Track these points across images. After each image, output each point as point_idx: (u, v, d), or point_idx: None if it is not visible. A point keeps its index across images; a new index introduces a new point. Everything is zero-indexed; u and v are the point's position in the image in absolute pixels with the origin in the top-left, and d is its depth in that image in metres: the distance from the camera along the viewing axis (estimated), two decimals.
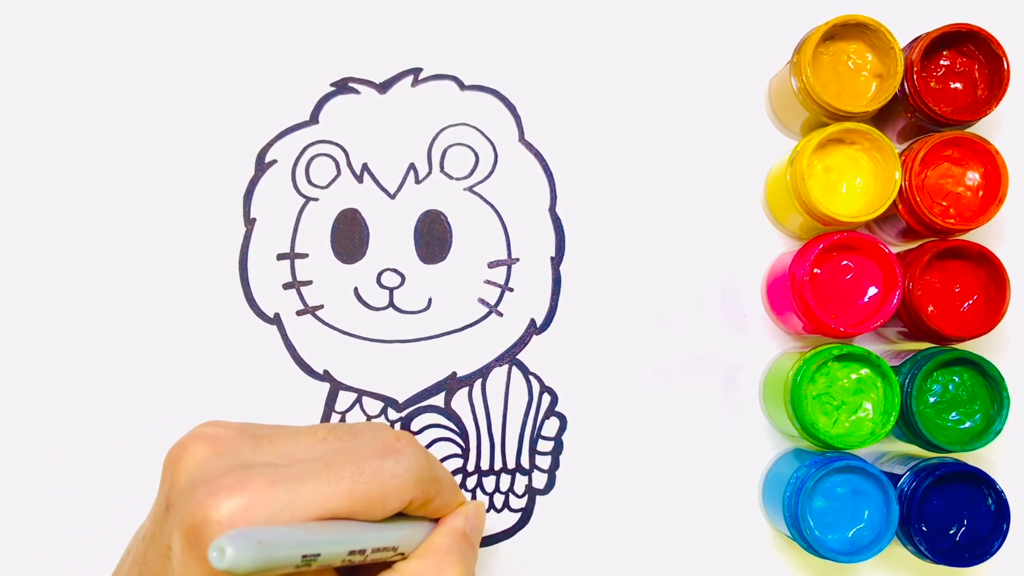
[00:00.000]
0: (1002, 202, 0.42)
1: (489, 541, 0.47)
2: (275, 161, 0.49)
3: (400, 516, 0.34)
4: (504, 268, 0.48)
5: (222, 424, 0.34)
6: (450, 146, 0.48)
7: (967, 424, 0.43)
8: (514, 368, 0.48)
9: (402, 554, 0.34)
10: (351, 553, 0.31)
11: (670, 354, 0.48)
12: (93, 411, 0.47)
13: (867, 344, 0.47)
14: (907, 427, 0.43)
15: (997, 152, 0.42)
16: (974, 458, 0.45)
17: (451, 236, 0.48)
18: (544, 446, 0.47)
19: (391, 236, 0.48)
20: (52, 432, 0.47)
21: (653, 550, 0.47)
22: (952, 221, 0.43)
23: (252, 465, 0.31)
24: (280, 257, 0.48)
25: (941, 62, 0.44)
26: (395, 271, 0.48)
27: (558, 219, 0.48)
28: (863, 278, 0.43)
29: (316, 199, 0.48)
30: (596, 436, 0.47)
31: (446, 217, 0.48)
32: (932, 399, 0.43)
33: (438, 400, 0.48)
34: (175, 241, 0.48)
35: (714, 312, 0.48)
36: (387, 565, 0.34)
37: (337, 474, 0.31)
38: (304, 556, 0.29)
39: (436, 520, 0.37)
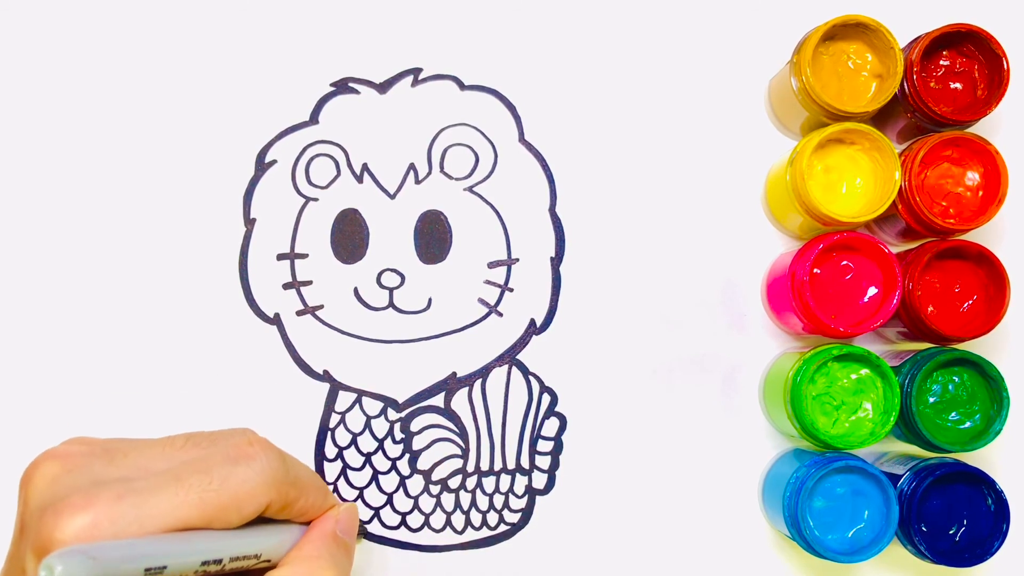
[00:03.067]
0: (1002, 202, 0.42)
1: (489, 541, 0.47)
2: (275, 161, 0.49)
3: (265, 522, 0.33)
4: (504, 268, 0.48)
5: (80, 441, 0.33)
6: (450, 146, 0.48)
7: (967, 424, 0.43)
8: (514, 368, 0.48)
9: (268, 561, 0.33)
10: (205, 563, 0.30)
11: (670, 354, 0.48)
12: (93, 411, 0.47)
13: (867, 344, 0.47)
14: (907, 427, 0.43)
15: (997, 152, 0.42)
16: (974, 458, 0.45)
17: (451, 236, 0.48)
18: (544, 446, 0.47)
19: (391, 236, 0.48)
20: (52, 432, 0.47)
21: (653, 550, 0.47)
22: (952, 221, 0.43)
23: (103, 481, 0.31)
24: (280, 257, 0.48)
25: (941, 62, 0.44)
26: (395, 271, 0.48)
27: (558, 219, 0.48)
28: (863, 278, 0.43)
29: (316, 199, 0.48)
30: (596, 436, 0.47)
31: (446, 217, 0.48)
32: (932, 399, 0.43)
33: (438, 400, 0.48)
34: (175, 241, 0.48)
35: (714, 312, 0.48)
36: (259, 574, 0.33)
37: (185, 484, 0.31)
38: (147, 569, 0.28)
39: (308, 524, 0.36)
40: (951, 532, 0.42)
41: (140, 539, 0.29)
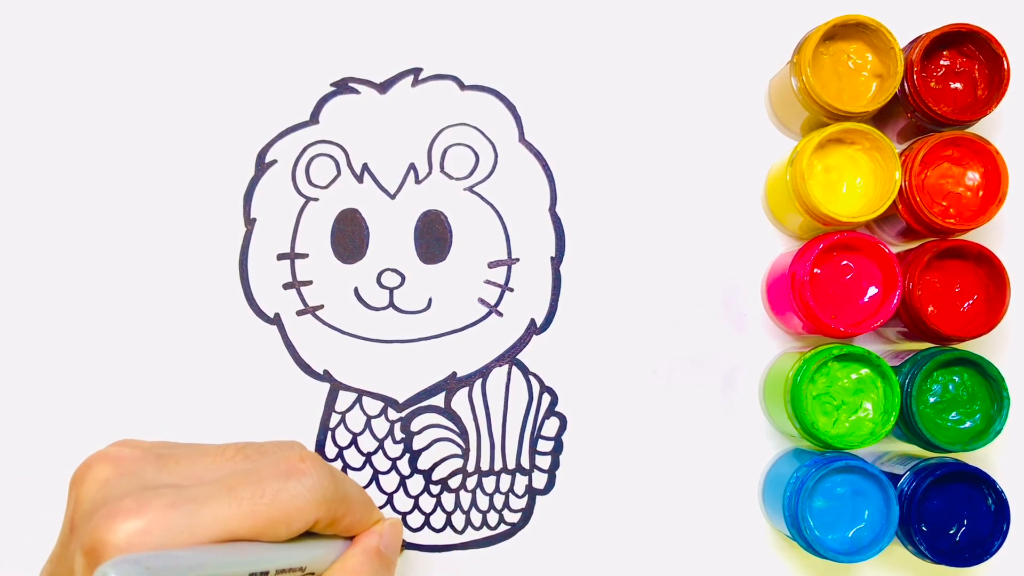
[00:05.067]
0: (1002, 202, 0.42)
1: (489, 541, 0.47)
2: (275, 161, 0.49)
3: (311, 535, 0.34)
4: (504, 268, 0.48)
5: (130, 444, 0.34)
6: (450, 146, 0.48)
7: (967, 424, 0.43)
8: (514, 368, 0.48)
9: (312, 574, 0.34)
10: (252, 575, 0.31)
11: (670, 354, 0.48)
12: (92, 411, 0.47)
13: (867, 344, 0.47)
14: (907, 427, 0.43)
15: (997, 152, 0.42)
16: (974, 458, 0.45)
17: (451, 236, 0.48)
18: (544, 446, 0.47)
19: (391, 236, 0.48)
20: (51, 432, 0.47)
21: (653, 550, 0.47)
22: (952, 221, 0.43)
23: (154, 486, 0.31)
24: (280, 257, 0.48)
25: (941, 62, 0.44)
26: (395, 271, 0.48)
27: (558, 219, 0.48)
28: (863, 278, 0.43)
29: (316, 199, 0.48)
30: (596, 436, 0.47)
31: (446, 217, 0.48)
32: (932, 399, 0.43)
33: (438, 400, 0.48)
34: (175, 241, 0.48)
35: (714, 312, 0.48)
36: None
37: (238, 495, 0.31)
38: None
39: (352, 538, 0.37)
40: (951, 532, 0.42)
41: (191, 549, 0.29)
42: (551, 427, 0.48)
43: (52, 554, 0.33)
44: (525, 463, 0.47)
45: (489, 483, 0.47)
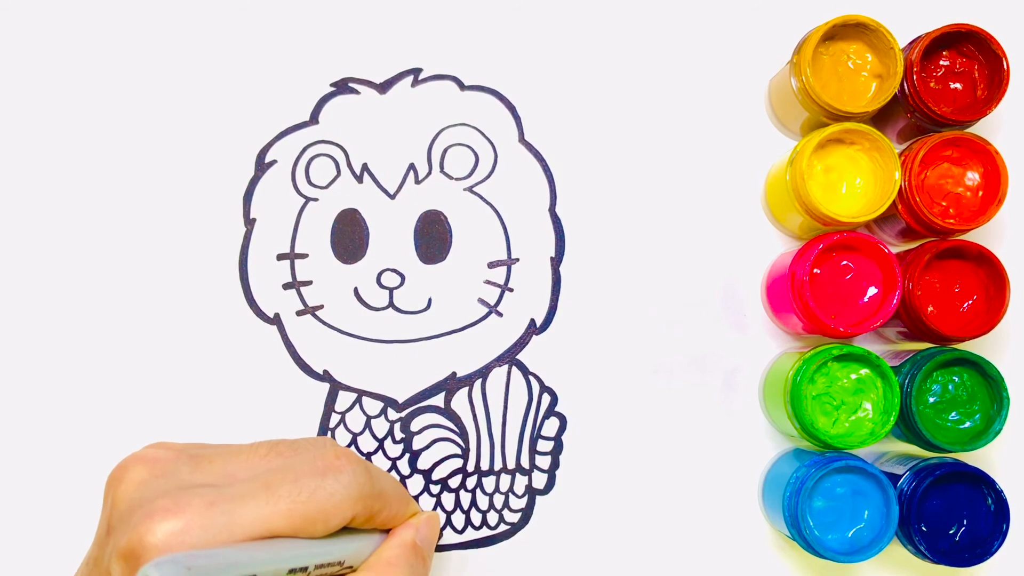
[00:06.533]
0: (1002, 202, 0.42)
1: (489, 541, 0.47)
2: (275, 161, 0.49)
3: (347, 529, 0.34)
4: (504, 268, 0.48)
5: (164, 446, 0.34)
6: (450, 146, 0.48)
7: (967, 424, 0.43)
8: (514, 368, 0.48)
9: (350, 567, 0.34)
10: (291, 572, 0.31)
11: (670, 354, 0.48)
12: (92, 411, 0.47)
13: (867, 344, 0.47)
14: (907, 427, 0.43)
15: (997, 152, 0.42)
16: (974, 458, 0.45)
17: (451, 236, 0.48)
18: (544, 446, 0.47)
19: (391, 236, 0.48)
20: (50, 433, 0.47)
21: (653, 550, 0.47)
22: (952, 221, 0.43)
23: (190, 486, 0.31)
24: (280, 257, 0.48)
25: (941, 62, 0.44)
26: (395, 271, 0.48)
27: (558, 219, 0.48)
28: (863, 278, 0.43)
29: (316, 199, 0.48)
30: (596, 436, 0.47)
31: (446, 217, 0.48)
32: (932, 399, 0.43)
33: (438, 400, 0.48)
34: (175, 241, 0.48)
35: (714, 312, 0.48)
36: None
37: (275, 493, 0.31)
38: None
39: (388, 531, 0.37)
40: (951, 532, 0.42)
41: (231, 548, 0.30)
42: (551, 427, 0.48)
43: (88, 556, 0.33)
44: (525, 463, 0.47)
45: (489, 483, 0.47)
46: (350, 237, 0.48)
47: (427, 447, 0.48)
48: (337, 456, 0.34)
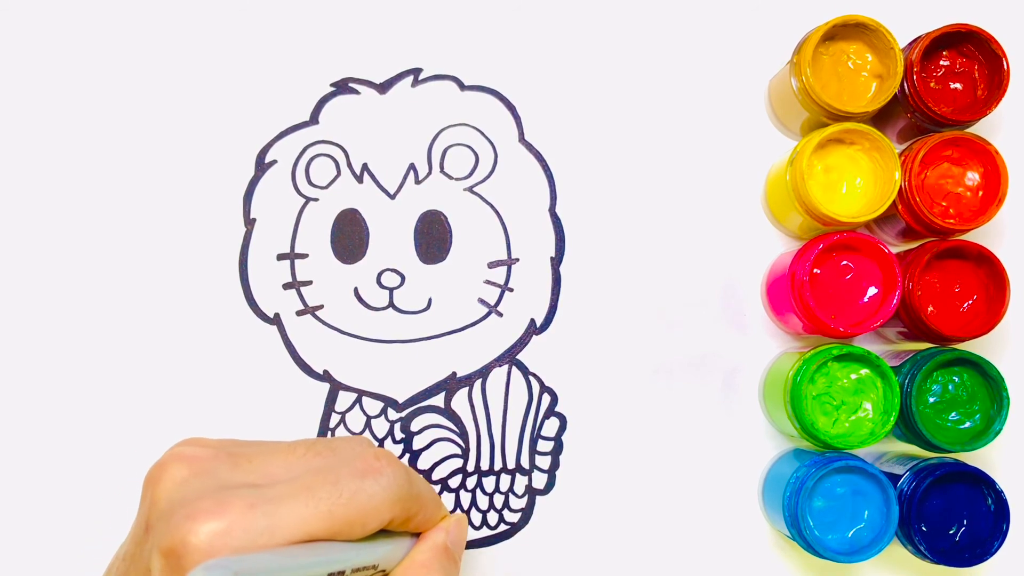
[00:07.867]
0: (1002, 202, 0.42)
1: (489, 541, 0.47)
2: (275, 161, 0.49)
3: (381, 533, 0.34)
4: (504, 268, 0.48)
5: (201, 442, 0.34)
6: (450, 146, 0.48)
7: (967, 424, 0.43)
8: (514, 368, 0.48)
9: (383, 571, 0.34)
10: (330, 575, 0.31)
11: (670, 354, 0.48)
12: (92, 412, 0.47)
13: (867, 344, 0.47)
14: (907, 427, 0.43)
15: (997, 152, 0.42)
16: (974, 458, 0.45)
17: (451, 236, 0.48)
18: (544, 446, 0.47)
19: (391, 236, 0.48)
20: (50, 433, 0.47)
21: (653, 550, 0.47)
22: (952, 221, 0.43)
23: (231, 486, 0.31)
24: (280, 257, 0.48)
25: (941, 62, 0.44)
26: (395, 271, 0.48)
27: (558, 219, 0.48)
28: (863, 278, 0.43)
29: (316, 199, 0.48)
30: (596, 436, 0.47)
31: (446, 217, 0.48)
32: (932, 399, 0.43)
33: (438, 400, 0.48)
34: (175, 241, 0.48)
35: (714, 312, 0.48)
36: None
37: (316, 496, 0.31)
38: None
39: (418, 535, 0.37)
40: (951, 532, 0.42)
41: (273, 552, 0.29)
42: (551, 427, 0.48)
43: (124, 552, 0.33)
44: (525, 463, 0.47)
45: (489, 483, 0.47)
46: (350, 237, 0.48)
47: (427, 447, 0.48)
48: (376, 457, 0.33)
